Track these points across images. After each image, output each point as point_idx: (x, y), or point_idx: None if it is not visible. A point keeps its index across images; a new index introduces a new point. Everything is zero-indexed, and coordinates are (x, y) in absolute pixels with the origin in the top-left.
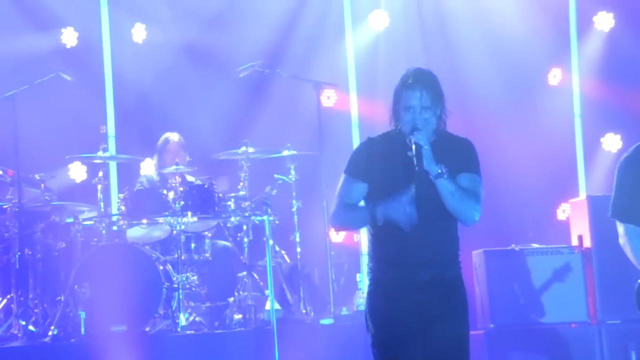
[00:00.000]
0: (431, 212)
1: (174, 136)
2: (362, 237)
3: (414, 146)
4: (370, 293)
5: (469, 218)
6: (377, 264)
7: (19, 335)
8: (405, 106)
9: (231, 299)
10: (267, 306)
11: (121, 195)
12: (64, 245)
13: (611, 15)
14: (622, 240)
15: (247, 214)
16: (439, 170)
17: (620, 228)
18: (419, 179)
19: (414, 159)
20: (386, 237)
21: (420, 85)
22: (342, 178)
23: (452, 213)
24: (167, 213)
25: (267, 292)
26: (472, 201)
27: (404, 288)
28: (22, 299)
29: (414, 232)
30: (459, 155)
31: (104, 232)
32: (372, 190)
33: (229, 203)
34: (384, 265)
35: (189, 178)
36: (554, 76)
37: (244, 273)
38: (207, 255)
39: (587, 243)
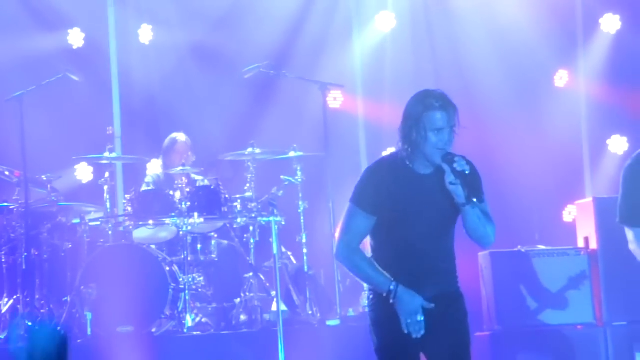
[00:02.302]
0: (436, 232)
1: (181, 137)
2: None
3: (449, 172)
4: (373, 306)
5: (489, 241)
6: None
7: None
8: (436, 129)
9: (237, 300)
10: (274, 307)
11: (127, 196)
12: (70, 245)
13: (617, 17)
14: (632, 245)
15: (253, 215)
16: (476, 197)
17: (630, 234)
18: (425, 204)
19: (459, 188)
20: (390, 254)
21: (448, 106)
22: (348, 208)
23: (473, 237)
24: (173, 214)
25: (273, 293)
26: (491, 223)
27: None
28: (28, 299)
29: (419, 252)
30: None
31: (110, 232)
32: (383, 221)
33: (235, 204)
34: None
35: (196, 177)
36: (561, 78)
37: (250, 274)
38: (214, 256)
39: (594, 245)
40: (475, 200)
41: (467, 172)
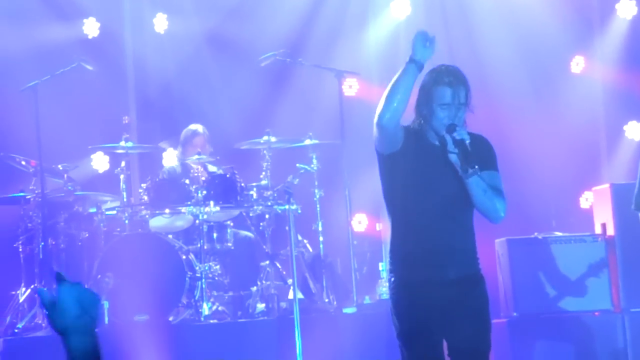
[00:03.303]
0: (456, 211)
1: (199, 129)
2: (384, 227)
3: (450, 142)
4: (395, 289)
5: (498, 215)
6: (402, 262)
7: (43, 325)
8: (442, 103)
9: (254, 288)
10: (290, 295)
11: (144, 185)
12: (87, 235)
13: (634, 2)
14: None
15: (269, 204)
16: (475, 167)
17: None
18: (445, 178)
19: (458, 157)
20: (412, 236)
21: (457, 82)
22: None
23: (480, 210)
24: (189, 203)
25: (289, 281)
26: (499, 198)
27: (430, 287)
28: (46, 289)
29: (439, 232)
30: (478, 151)
31: (126, 221)
32: (397, 188)
33: (251, 192)
34: (412, 264)
35: (211, 168)
36: (577, 64)
37: (267, 262)
38: (230, 244)
39: (611, 231)
40: (471, 169)
41: (466, 141)
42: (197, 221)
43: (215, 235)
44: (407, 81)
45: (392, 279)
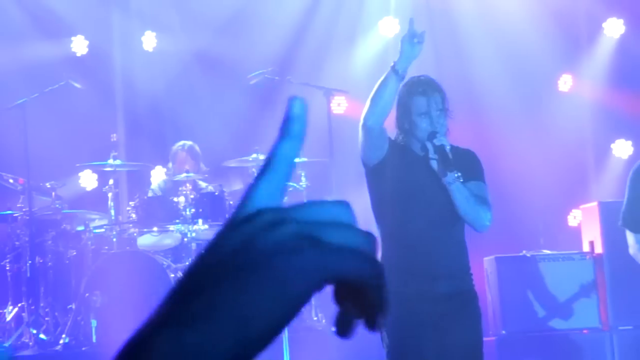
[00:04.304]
0: (447, 223)
1: (184, 145)
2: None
3: (431, 149)
4: None
5: (482, 224)
6: (394, 275)
7: (30, 343)
8: (420, 113)
9: None
10: None
11: (132, 203)
12: (75, 253)
13: (621, 21)
14: (632, 250)
15: None
16: (457, 174)
17: (630, 238)
18: (434, 189)
19: (438, 163)
20: (403, 248)
21: (431, 90)
22: None
23: (465, 219)
24: (178, 221)
25: None
26: (485, 207)
27: (423, 300)
28: (33, 307)
29: (429, 243)
30: (465, 163)
31: (115, 239)
32: (386, 199)
33: None
34: (404, 276)
35: (202, 184)
36: (565, 82)
37: None
38: None
39: (599, 249)
40: (450, 172)
41: (447, 147)
42: (185, 239)
43: None
44: (391, 84)
45: None
